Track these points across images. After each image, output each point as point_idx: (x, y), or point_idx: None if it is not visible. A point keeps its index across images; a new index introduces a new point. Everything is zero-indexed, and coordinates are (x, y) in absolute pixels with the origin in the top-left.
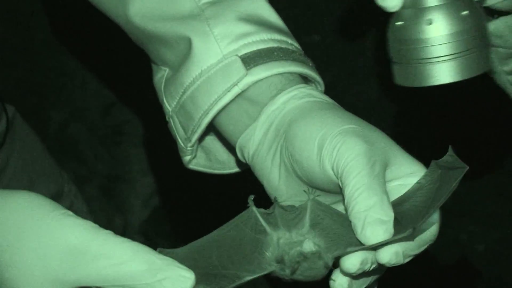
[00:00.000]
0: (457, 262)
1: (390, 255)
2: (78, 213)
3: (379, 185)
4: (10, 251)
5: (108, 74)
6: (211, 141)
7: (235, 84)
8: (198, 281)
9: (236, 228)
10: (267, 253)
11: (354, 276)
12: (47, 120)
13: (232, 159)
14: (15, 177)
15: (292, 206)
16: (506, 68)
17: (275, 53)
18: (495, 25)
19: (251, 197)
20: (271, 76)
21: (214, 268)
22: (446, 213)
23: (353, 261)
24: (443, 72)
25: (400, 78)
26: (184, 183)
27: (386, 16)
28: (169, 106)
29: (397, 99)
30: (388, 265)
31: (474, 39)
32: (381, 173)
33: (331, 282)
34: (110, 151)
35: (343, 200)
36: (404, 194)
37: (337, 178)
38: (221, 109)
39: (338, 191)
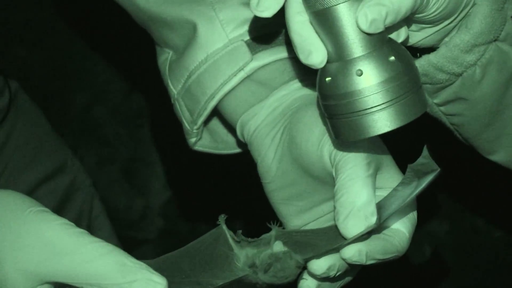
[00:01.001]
0: (474, 248)
1: (354, 252)
2: (82, 186)
3: (371, 183)
4: None
5: (131, 58)
6: (216, 121)
7: (241, 69)
8: None
9: (207, 243)
10: (238, 263)
11: (323, 279)
12: (70, 102)
13: (233, 140)
14: (19, 150)
15: (258, 239)
16: (436, 100)
17: (280, 38)
18: (419, 64)
19: (222, 216)
20: (277, 60)
21: (187, 277)
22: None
23: (320, 264)
24: (382, 121)
25: (338, 133)
26: (205, 165)
27: None
28: (174, 89)
29: None
30: (349, 261)
31: (407, 82)
32: (374, 174)
33: (301, 281)
34: (132, 134)
35: (334, 187)
36: (381, 201)
37: (332, 166)
38: (227, 92)
39: (327, 180)
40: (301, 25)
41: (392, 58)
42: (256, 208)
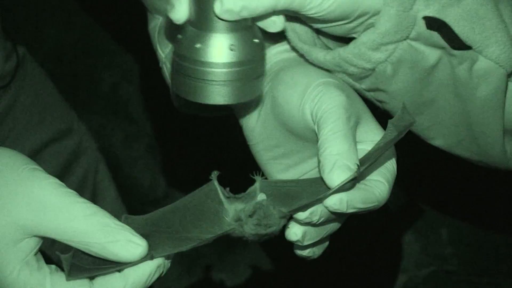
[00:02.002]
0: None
1: (335, 200)
2: (88, 150)
3: (352, 136)
4: None
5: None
6: None
7: None
8: (161, 244)
9: (198, 199)
10: (226, 218)
11: (308, 224)
12: (99, 81)
13: None
14: (25, 112)
15: (245, 194)
16: (363, 86)
17: None
18: (332, 56)
19: (215, 172)
20: None
21: (177, 233)
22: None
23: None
24: (207, 93)
25: (176, 87)
26: (232, 146)
27: None
28: (162, 53)
29: None
30: (331, 209)
31: (243, 71)
32: (354, 128)
33: (287, 230)
34: (158, 112)
35: (317, 142)
36: (364, 156)
37: (314, 124)
38: None
39: (310, 137)
40: None
41: (233, 46)
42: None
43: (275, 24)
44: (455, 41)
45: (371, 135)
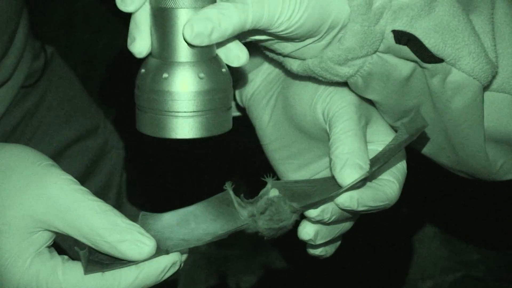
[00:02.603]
0: None
1: (345, 198)
2: (113, 149)
3: (363, 135)
4: None
5: None
6: None
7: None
8: (177, 239)
9: (213, 204)
10: (241, 217)
11: (319, 223)
12: (130, 84)
13: (233, 104)
14: (52, 110)
15: (258, 197)
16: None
17: None
18: (302, 68)
19: (229, 182)
20: None
21: (193, 230)
22: None
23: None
24: (181, 127)
25: (141, 124)
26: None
27: None
28: None
29: None
30: (341, 206)
31: (212, 100)
32: (365, 127)
33: (299, 229)
34: None
35: (329, 141)
36: (375, 156)
37: (325, 123)
38: None
39: (321, 137)
40: (140, 13)
41: (202, 75)
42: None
43: (239, 58)
44: (425, 54)
45: (380, 136)
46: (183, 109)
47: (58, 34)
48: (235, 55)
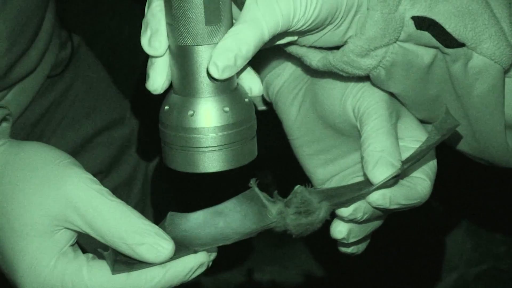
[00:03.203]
0: None
1: (378, 196)
2: (137, 141)
3: (395, 132)
4: (14, 186)
5: None
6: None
7: None
8: (205, 239)
9: (241, 202)
10: (269, 216)
11: (352, 221)
12: None
13: (259, 98)
14: (78, 100)
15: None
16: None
17: None
18: (322, 63)
19: (254, 179)
20: None
21: (221, 229)
22: None
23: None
24: (208, 161)
25: (170, 160)
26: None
27: None
28: None
29: None
30: (374, 204)
31: (238, 133)
32: (395, 124)
33: (332, 228)
34: None
35: (360, 138)
36: (406, 158)
37: (356, 119)
38: None
39: (350, 133)
40: (158, 51)
41: (227, 109)
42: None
43: (251, 91)
44: (447, 39)
45: (410, 132)
46: (211, 144)
47: (83, 22)
48: (247, 87)
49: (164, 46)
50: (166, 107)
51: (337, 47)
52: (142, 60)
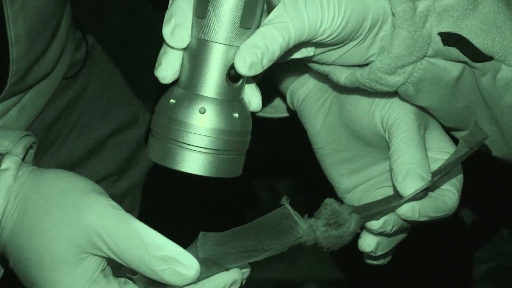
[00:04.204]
0: None
1: (407, 208)
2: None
3: (423, 144)
4: (38, 218)
5: None
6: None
7: None
8: (236, 257)
9: (273, 219)
10: (300, 231)
11: (381, 235)
12: None
13: (283, 105)
14: (93, 101)
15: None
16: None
17: None
18: (349, 81)
19: (285, 197)
20: None
21: (253, 246)
22: None
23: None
24: (192, 161)
25: (151, 151)
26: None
27: None
28: None
29: None
30: (403, 217)
31: (235, 143)
32: (424, 135)
33: (360, 241)
34: None
35: (386, 148)
36: (435, 170)
37: (384, 130)
38: None
39: (377, 143)
40: (179, 44)
41: (236, 115)
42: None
43: (250, 104)
44: (475, 54)
45: (437, 143)
46: (211, 147)
47: (89, 19)
48: (247, 100)
49: (186, 39)
50: (172, 100)
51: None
52: (151, 56)
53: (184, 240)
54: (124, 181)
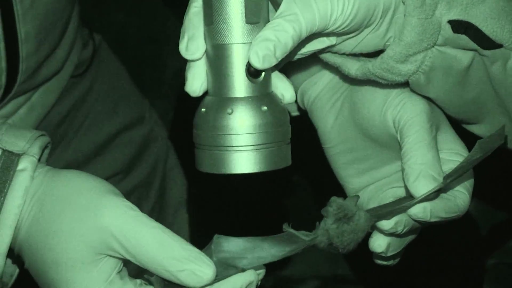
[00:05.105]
0: None
1: (419, 209)
2: (158, 138)
3: (435, 145)
4: (54, 219)
5: None
6: None
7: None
8: (251, 262)
9: (284, 238)
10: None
11: (392, 235)
12: (163, 66)
13: (294, 104)
14: (100, 99)
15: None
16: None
17: None
18: (361, 72)
19: (286, 224)
20: None
21: (268, 248)
22: None
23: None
24: (241, 161)
25: (200, 162)
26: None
27: None
28: None
29: None
30: (414, 217)
31: (274, 134)
32: (436, 136)
33: (371, 241)
34: None
35: (401, 150)
36: (448, 174)
37: (395, 130)
38: None
39: (388, 143)
40: (195, 55)
41: (265, 108)
42: None
43: (283, 97)
44: (484, 41)
45: (449, 144)
46: (247, 143)
47: (89, 16)
48: (280, 94)
49: (201, 49)
50: (203, 110)
51: (375, 56)
52: (151, 51)
53: (198, 242)
54: (129, 180)
